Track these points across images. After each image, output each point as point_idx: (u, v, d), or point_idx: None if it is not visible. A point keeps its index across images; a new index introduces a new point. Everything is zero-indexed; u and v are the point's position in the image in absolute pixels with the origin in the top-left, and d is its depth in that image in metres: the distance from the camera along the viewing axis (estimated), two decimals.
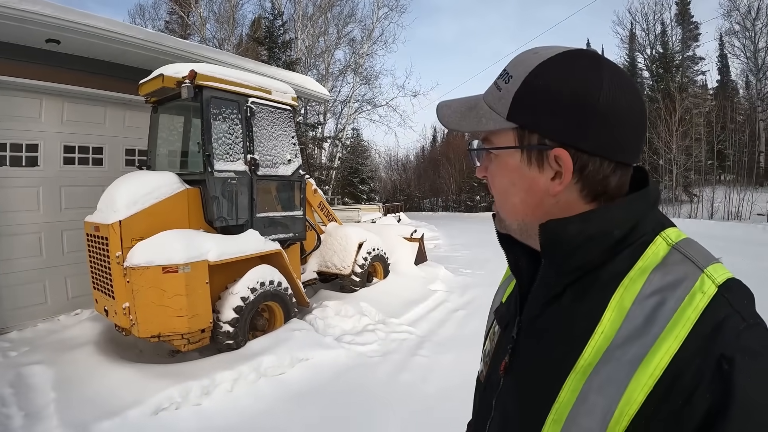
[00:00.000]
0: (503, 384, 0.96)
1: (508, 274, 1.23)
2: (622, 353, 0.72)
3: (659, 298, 0.74)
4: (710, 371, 0.65)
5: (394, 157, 61.83)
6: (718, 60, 41.51)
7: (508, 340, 0.99)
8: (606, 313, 0.77)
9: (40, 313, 7.11)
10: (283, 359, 5.31)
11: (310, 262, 8.46)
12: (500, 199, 0.94)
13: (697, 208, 29.55)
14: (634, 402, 0.68)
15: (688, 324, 0.69)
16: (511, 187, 0.90)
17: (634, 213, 0.83)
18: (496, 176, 0.92)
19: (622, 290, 0.77)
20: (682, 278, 0.74)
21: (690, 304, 0.71)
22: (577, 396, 0.75)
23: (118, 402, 4.30)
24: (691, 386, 0.65)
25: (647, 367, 0.69)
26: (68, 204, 7.45)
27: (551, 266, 0.86)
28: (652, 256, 0.79)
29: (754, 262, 12.28)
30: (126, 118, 8.18)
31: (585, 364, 0.76)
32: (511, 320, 1.01)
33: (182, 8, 27.21)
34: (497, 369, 0.98)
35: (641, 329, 0.72)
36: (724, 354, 0.65)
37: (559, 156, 0.82)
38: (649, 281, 0.76)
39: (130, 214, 5.14)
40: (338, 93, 32.20)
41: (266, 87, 6.55)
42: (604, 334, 0.76)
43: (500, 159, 0.90)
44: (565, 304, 0.85)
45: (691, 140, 31.72)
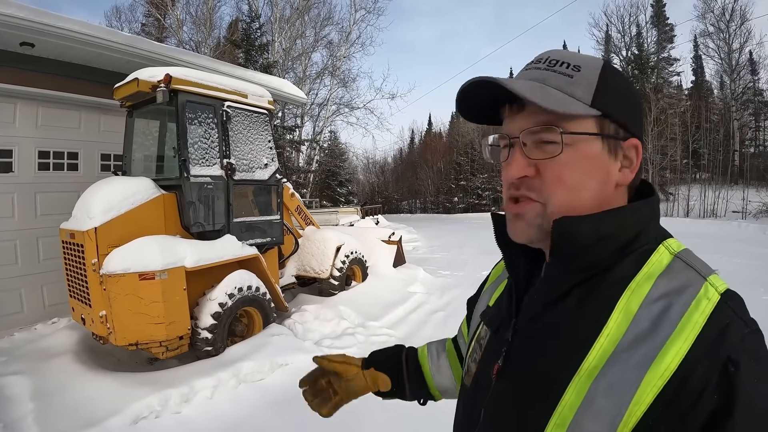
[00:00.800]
0: (495, 388, 0.93)
1: (494, 277, 1.25)
2: (629, 356, 0.73)
3: (666, 302, 0.75)
4: (717, 373, 0.67)
5: (372, 159, 61.94)
6: (692, 61, 42.26)
7: (501, 343, 0.96)
8: (613, 315, 0.78)
9: (16, 322, 6.99)
10: (262, 365, 5.28)
11: (289, 266, 8.42)
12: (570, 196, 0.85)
13: (673, 207, 30.05)
14: (643, 403, 0.69)
15: (697, 327, 0.71)
16: (587, 179, 0.86)
17: (641, 219, 0.86)
18: (570, 168, 0.85)
19: (629, 294, 0.79)
20: (687, 285, 0.77)
21: (696, 309, 0.73)
22: (582, 399, 0.75)
23: (96, 412, 4.25)
24: (699, 387, 0.67)
25: (657, 369, 0.70)
26: (43, 210, 7.35)
27: (558, 265, 0.86)
28: (656, 263, 0.81)
29: (730, 259, 12.58)
30: (101, 123, 8.09)
31: (590, 366, 0.76)
32: (503, 322, 1.00)
33: (159, 10, 26.98)
34: (488, 373, 0.96)
35: (649, 332, 0.74)
36: (730, 357, 0.68)
37: (636, 146, 0.88)
38: (655, 286, 0.78)
39: (105, 221, 5.09)
40: (316, 96, 32.17)
41: (242, 91, 6.52)
42: (610, 337, 0.77)
43: (578, 148, 0.84)
44: (570, 304, 0.85)
45: (667, 140, 32.17)
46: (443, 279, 10.55)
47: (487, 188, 44.70)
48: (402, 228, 20.24)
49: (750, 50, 37.07)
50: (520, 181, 0.87)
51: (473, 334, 1.16)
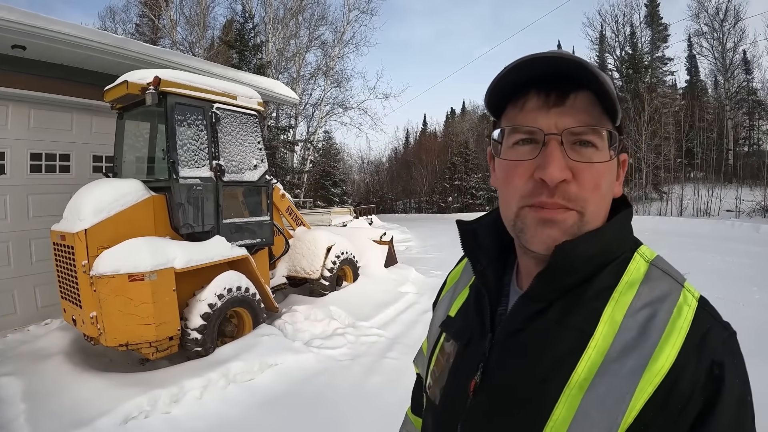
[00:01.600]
0: (472, 405, 0.90)
1: (450, 284, 1.24)
2: (620, 365, 0.74)
3: (650, 311, 0.77)
4: (704, 375, 0.71)
5: (367, 159, 61.95)
6: (686, 60, 42.27)
7: (476, 358, 0.93)
8: (599, 326, 0.78)
9: (9, 324, 7.04)
10: (252, 365, 5.32)
11: (279, 266, 8.46)
12: (601, 203, 0.84)
13: (666, 206, 30.05)
14: (634, 409, 0.71)
15: (682, 333, 0.73)
16: (609, 189, 0.86)
17: (624, 233, 0.88)
18: (604, 175, 0.83)
19: (614, 304, 0.79)
20: (668, 293, 0.79)
21: (679, 316, 0.75)
22: (575, 413, 0.74)
23: (87, 412, 4.29)
24: (688, 389, 0.70)
25: (649, 375, 0.71)
26: (36, 212, 7.40)
27: (546, 284, 0.84)
28: (634, 271, 0.83)
29: (723, 258, 12.63)
30: (93, 124, 8.13)
31: (580, 379, 0.76)
32: (475, 335, 0.97)
33: (152, 11, 26.95)
34: (462, 389, 0.93)
35: (637, 340, 0.75)
36: (714, 359, 0.72)
37: (625, 160, 0.90)
38: (638, 295, 0.79)
39: (95, 223, 5.13)
40: (310, 96, 32.20)
41: (231, 92, 6.55)
42: (598, 348, 0.77)
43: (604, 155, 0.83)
44: (552, 318, 0.83)
45: (660, 139, 32.24)
46: (435, 279, 10.55)
47: (482, 188, 44.80)
48: (395, 228, 20.28)
49: (744, 49, 37.21)
50: (557, 186, 0.80)
51: (433, 346, 1.13)
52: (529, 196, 0.82)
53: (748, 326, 6.48)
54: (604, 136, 0.81)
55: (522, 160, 0.83)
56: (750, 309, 7.57)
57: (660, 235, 17.92)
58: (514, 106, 0.86)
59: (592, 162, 0.81)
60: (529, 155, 0.82)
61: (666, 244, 15.37)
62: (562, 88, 0.81)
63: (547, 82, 0.81)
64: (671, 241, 16.14)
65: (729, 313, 4.26)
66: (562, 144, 0.80)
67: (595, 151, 0.81)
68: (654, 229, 20.60)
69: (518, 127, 0.84)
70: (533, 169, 0.81)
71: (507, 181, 0.87)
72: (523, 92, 0.85)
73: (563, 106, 0.81)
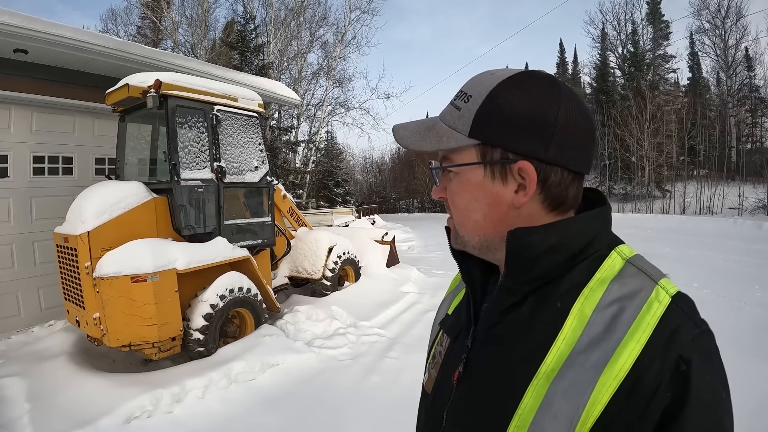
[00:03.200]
0: (456, 394, 0.96)
1: (453, 286, 1.27)
2: (585, 358, 0.76)
3: (619, 306, 0.78)
4: (670, 371, 0.71)
5: (369, 159, 61.93)
6: (689, 58, 42.06)
7: (461, 350, 0.99)
8: (567, 320, 0.80)
9: (13, 325, 7.10)
10: (253, 365, 5.37)
11: (282, 267, 8.51)
12: (461, 217, 0.96)
13: (669, 204, 29.99)
14: (599, 403, 0.72)
15: (648, 329, 0.74)
16: (474, 203, 0.92)
17: (591, 228, 0.89)
18: (458, 194, 0.94)
19: (583, 299, 0.81)
20: (639, 289, 0.80)
21: (648, 312, 0.76)
22: (541, 401, 0.77)
23: (90, 412, 4.34)
24: (653, 385, 0.70)
25: (611, 370, 0.73)
26: (39, 215, 7.45)
27: (512, 275, 0.88)
28: (609, 268, 0.84)
29: (726, 256, 12.58)
30: (95, 127, 8.19)
31: (548, 370, 0.78)
32: (463, 330, 1.02)
33: (154, 13, 26.99)
34: (448, 379, 0.99)
35: (603, 335, 0.76)
36: (681, 355, 0.72)
37: (523, 168, 0.87)
38: (608, 291, 0.81)
39: (97, 225, 5.18)
40: (311, 96, 32.16)
41: (232, 94, 6.60)
42: (566, 341, 0.79)
43: (462, 176, 0.92)
44: (525, 312, 0.87)
45: (663, 137, 32.15)
46: (436, 278, 10.59)
47: None
48: (398, 227, 20.29)
49: (746, 46, 36.92)
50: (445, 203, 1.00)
51: (432, 342, 1.19)
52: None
53: (750, 325, 6.52)
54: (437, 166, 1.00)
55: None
56: (752, 308, 7.52)
57: (662, 233, 17.93)
58: None
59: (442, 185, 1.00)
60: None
61: (668, 242, 15.37)
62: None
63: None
64: (673, 239, 16.12)
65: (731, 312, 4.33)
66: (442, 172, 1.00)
67: (448, 177, 0.98)
68: (656, 227, 20.59)
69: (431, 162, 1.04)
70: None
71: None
72: None
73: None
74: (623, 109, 33.48)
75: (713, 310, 7.04)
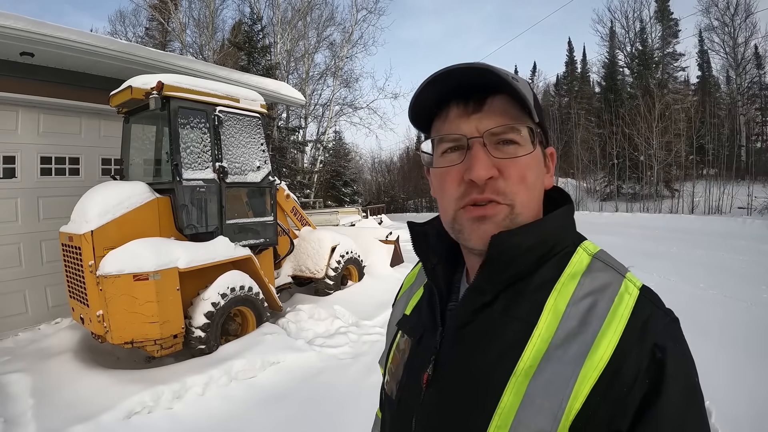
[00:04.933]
0: (426, 397, 0.93)
1: (406, 285, 1.28)
2: (564, 352, 0.77)
3: (592, 300, 0.81)
4: (647, 359, 0.73)
5: (378, 158, 61.92)
6: (698, 56, 41.80)
7: (428, 351, 0.97)
8: (542, 316, 0.82)
9: (20, 323, 7.23)
10: (254, 363, 5.44)
11: (285, 266, 8.57)
12: (529, 194, 0.90)
13: (678, 203, 29.79)
14: (581, 395, 0.73)
15: (623, 320, 0.77)
16: (538, 180, 0.92)
17: (563, 226, 0.93)
18: (530, 168, 0.89)
19: (556, 294, 0.83)
20: (609, 282, 0.83)
21: (620, 304, 0.79)
22: (522, 398, 0.77)
23: (92, 407, 4.43)
24: (632, 374, 0.72)
25: (591, 362, 0.74)
26: (46, 214, 7.57)
27: (490, 275, 0.88)
28: (577, 264, 0.87)
29: (734, 256, 12.44)
30: (101, 128, 8.31)
31: (526, 367, 0.79)
32: (427, 330, 1.01)
33: (161, 14, 27.15)
34: (415, 382, 0.96)
35: (579, 328, 0.78)
36: (657, 343, 0.74)
37: (553, 153, 0.98)
38: (580, 285, 0.83)
39: (101, 224, 5.28)
40: (319, 96, 32.39)
41: (234, 95, 6.68)
42: (542, 337, 0.80)
43: (534, 151, 0.90)
44: (498, 309, 0.87)
45: (671, 135, 31.96)
46: None
47: None
48: (404, 227, 20.24)
49: (755, 44, 36.70)
50: (486, 184, 0.86)
51: (390, 344, 1.17)
52: (462, 197, 0.89)
53: (756, 326, 6.49)
54: (524, 132, 0.88)
55: (451, 166, 0.90)
56: (759, 308, 7.45)
57: (670, 233, 17.83)
58: (439, 118, 0.94)
59: (517, 156, 0.87)
60: (458, 160, 0.89)
61: (676, 241, 15.28)
62: (479, 95, 0.88)
63: (465, 91, 0.88)
64: (681, 239, 16.00)
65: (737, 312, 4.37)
66: (485, 145, 0.86)
67: (517, 147, 0.88)
68: (665, 226, 20.50)
69: (444, 136, 0.91)
70: (462, 172, 0.88)
71: (441, 188, 0.94)
72: (445, 105, 0.92)
73: (481, 111, 0.88)
74: (632, 108, 33.32)
75: (719, 311, 7.08)
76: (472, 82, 0.86)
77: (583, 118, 42.09)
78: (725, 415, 4.12)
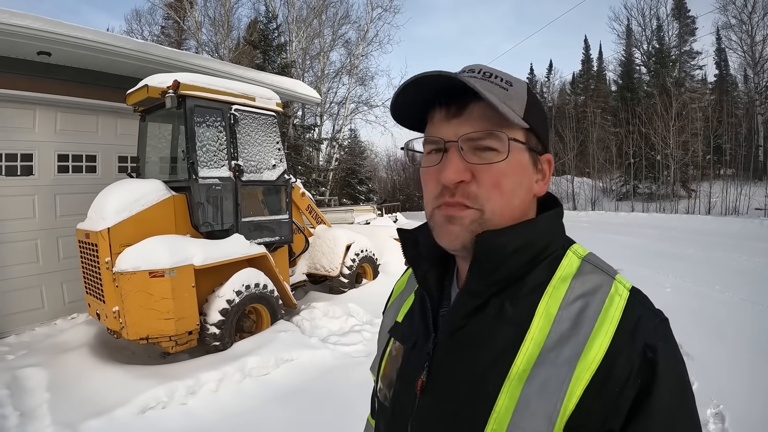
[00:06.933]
0: (420, 404, 0.93)
1: (397, 292, 1.28)
2: (557, 355, 0.78)
3: (583, 302, 0.82)
4: (639, 359, 0.75)
5: (394, 156, 61.83)
6: (715, 54, 41.39)
7: (421, 358, 0.96)
8: (534, 319, 0.83)
9: (37, 318, 7.32)
10: (267, 360, 5.45)
11: (300, 264, 8.59)
12: (503, 201, 0.88)
13: (694, 204, 29.51)
14: (574, 396, 0.74)
15: (614, 321, 0.78)
16: (518, 188, 0.90)
17: (551, 228, 0.94)
18: (507, 175, 0.88)
19: (548, 298, 0.84)
20: (600, 285, 0.84)
21: (611, 305, 0.80)
22: (516, 402, 0.78)
23: (106, 402, 4.48)
24: (624, 374, 0.74)
25: (584, 363, 0.75)
26: (63, 211, 7.65)
27: (479, 277, 0.88)
28: (567, 267, 0.88)
29: (750, 258, 12.24)
30: (118, 126, 8.38)
31: (519, 370, 0.79)
32: (420, 337, 1.00)
33: (177, 13, 27.31)
34: (409, 389, 0.97)
35: (571, 330, 0.79)
36: (647, 343, 0.76)
37: (550, 160, 0.97)
38: (571, 288, 0.84)
39: (118, 221, 5.33)
40: (335, 94, 32.39)
41: (250, 94, 6.71)
42: (534, 340, 0.81)
43: (513, 157, 0.88)
44: (490, 314, 0.88)
45: (688, 135, 31.69)
46: None
47: None
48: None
49: None
50: (456, 187, 0.87)
51: (383, 352, 1.16)
52: (438, 197, 0.90)
53: None
54: (504, 139, 0.87)
55: (430, 166, 0.92)
56: None
57: (686, 234, 17.65)
58: (429, 120, 0.95)
59: (491, 162, 0.87)
60: (436, 162, 0.90)
61: (692, 242, 15.11)
62: (461, 100, 0.88)
63: (449, 96, 0.89)
64: (698, 240, 15.80)
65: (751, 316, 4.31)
66: (461, 149, 0.87)
67: (496, 154, 0.87)
68: (681, 227, 20.30)
69: (427, 138, 0.94)
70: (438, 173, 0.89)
71: (424, 186, 0.95)
72: (431, 107, 0.93)
73: (461, 116, 0.88)
74: (648, 107, 33.10)
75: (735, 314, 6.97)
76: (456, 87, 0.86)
77: (599, 117, 41.81)
78: (739, 419, 4.10)
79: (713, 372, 4.99)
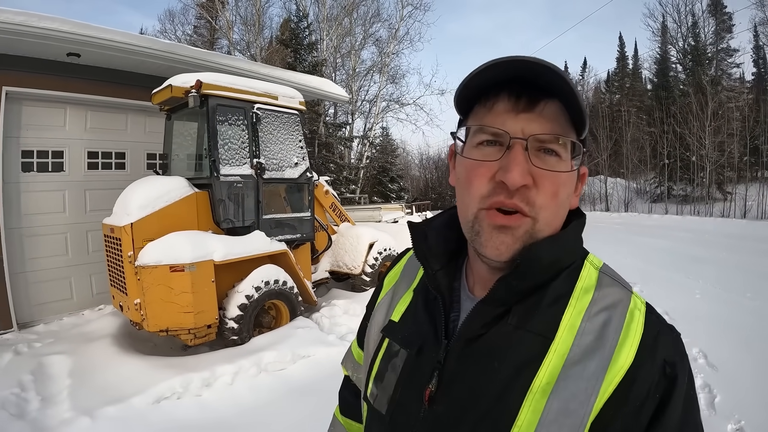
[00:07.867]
0: (429, 414, 0.87)
1: (388, 287, 1.18)
2: (583, 368, 0.77)
3: (606, 315, 0.81)
4: (658, 374, 0.76)
5: (426, 155, 61.66)
6: (753, 51, 40.35)
7: (429, 365, 0.90)
8: (559, 331, 0.80)
9: (65, 308, 7.60)
10: (284, 355, 5.53)
11: (323, 261, 8.67)
12: (554, 210, 0.84)
13: (729, 207, 28.76)
14: (596, 409, 0.74)
15: (637, 336, 0.78)
16: (566, 200, 0.87)
17: (577, 239, 0.92)
18: (564, 184, 0.84)
19: (572, 309, 0.82)
20: (620, 298, 0.84)
21: (632, 320, 0.80)
22: (540, 416, 0.75)
23: (124, 390, 4.63)
24: (645, 388, 0.75)
25: (609, 377, 0.75)
26: (92, 206, 7.91)
27: (509, 286, 0.83)
28: (587, 278, 0.87)
29: None
30: (147, 124, 8.60)
31: (543, 383, 0.77)
32: (427, 342, 0.94)
33: (209, 13, 27.64)
34: (414, 397, 0.91)
35: (595, 343, 0.78)
36: (666, 359, 0.77)
37: (585, 173, 0.93)
38: (593, 301, 0.83)
39: (141, 217, 5.49)
40: (366, 92, 32.36)
41: (272, 93, 6.81)
42: (558, 352, 0.79)
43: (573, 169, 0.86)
44: (512, 323, 0.84)
45: (725, 135, 30.97)
46: None
47: None
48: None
49: None
50: (517, 190, 0.80)
51: (376, 352, 1.06)
52: (488, 197, 0.83)
53: None
54: (568, 146, 0.83)
55: (485, 160, 0.83)
56: None
57: (720, 238, 17.10)
58: (482, 106, 0.86)
59: (555, 171, 0.82)
60: (493, 157, 0.82)
61: (725, 247, 14.65)
62: (532, 95, 0.82)
63: (518, 86, 0.82)
64: (731, 245, 15.18)
65: None
66: (526, 149, 0.80)
67: (558, 161, 0.82)
68: (714, 230, 19.72)
69: (485, 128, 0.84)
70: (495, 170, 0.82)
71: (468, 180, 0.86)
72: (493, 94, 0.85)
73: (532, 112, 0.81)
74: (683, 106, 32.43)
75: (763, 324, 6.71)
76: (529, 77, 0.80)
77: (634, 116, 41.10)
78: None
79: (737, 385, 4.86)
